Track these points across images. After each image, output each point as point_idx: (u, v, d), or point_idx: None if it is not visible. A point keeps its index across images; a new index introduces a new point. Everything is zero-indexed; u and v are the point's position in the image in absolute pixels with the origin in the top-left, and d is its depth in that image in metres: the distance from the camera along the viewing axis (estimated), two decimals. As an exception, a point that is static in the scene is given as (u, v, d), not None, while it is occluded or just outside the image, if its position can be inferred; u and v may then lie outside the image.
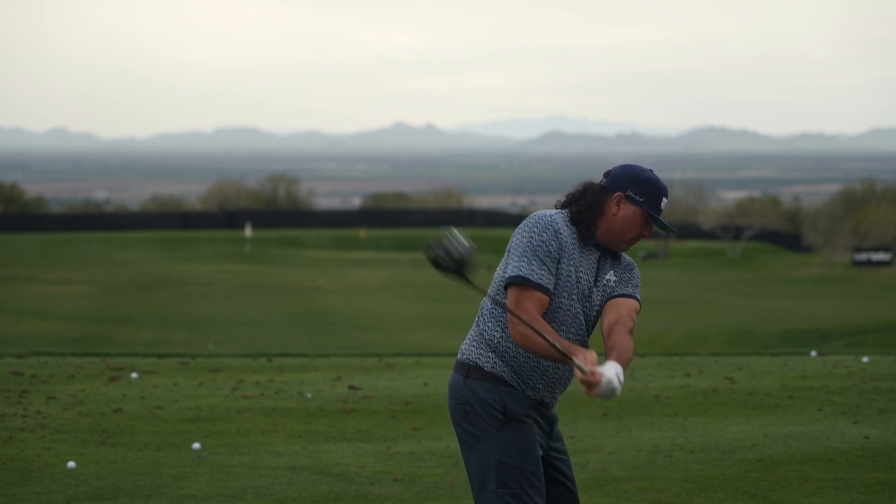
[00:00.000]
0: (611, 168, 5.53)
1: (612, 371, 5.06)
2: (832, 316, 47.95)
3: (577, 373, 5.09)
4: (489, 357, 5.40)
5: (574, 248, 5.37)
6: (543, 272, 5.27)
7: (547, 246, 5.30)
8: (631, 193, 5.40)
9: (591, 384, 5.06)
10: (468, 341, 5.47)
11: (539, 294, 5.25)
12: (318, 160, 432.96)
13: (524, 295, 5.25)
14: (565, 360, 5.10)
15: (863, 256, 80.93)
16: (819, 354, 18.24)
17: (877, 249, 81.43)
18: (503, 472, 5.33)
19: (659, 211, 5.44)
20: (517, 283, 5.26)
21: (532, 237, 5.31)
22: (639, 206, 5.41)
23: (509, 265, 5.31)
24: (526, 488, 5.33)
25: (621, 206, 5.41)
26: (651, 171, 5.49)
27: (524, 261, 5.28)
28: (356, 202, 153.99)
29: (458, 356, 5.50)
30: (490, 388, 5.37)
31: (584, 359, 5.09)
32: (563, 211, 5.44)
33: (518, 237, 5.33)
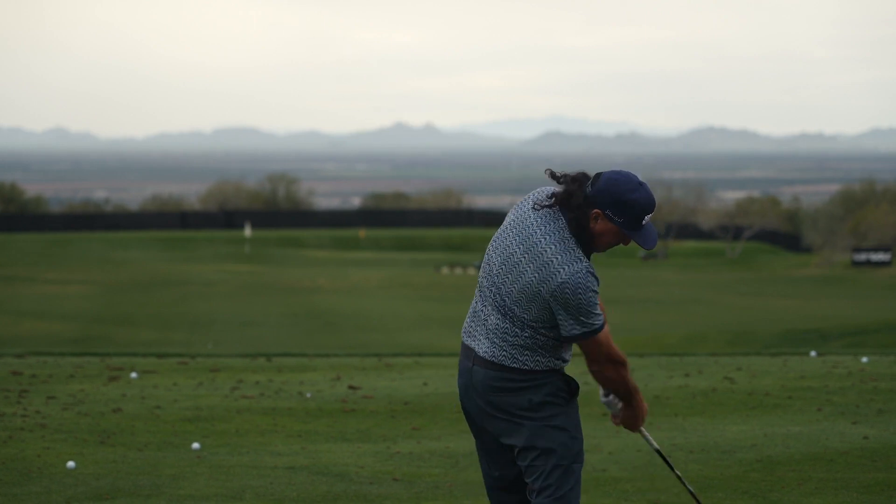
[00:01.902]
0: (603, 172, 5.51)
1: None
2: (832, 316, 47.96)
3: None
4: (540, 361, 5.55)
5: None
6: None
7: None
8: (609, 213, 5.43)
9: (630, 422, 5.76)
10: (499, 345, 5.52)
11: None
12: (318, 160, 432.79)
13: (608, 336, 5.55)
14: (634, 394, 5.68)
15: (862, 256, 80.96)
16: (818, 354, 18.22)
17: (876, 249, 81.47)
18: (577, 445, 5.60)
19: (639, 227, 5.47)
20: (601, 328, 5.52)
21: (594, 294, 5.49)
22: (616, 226, 5.45)
23: (589, 318, 5.45)
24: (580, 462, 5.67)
25: (599, 221, 5.46)
26: (638, 188, 5.43)
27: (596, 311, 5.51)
28: (356, 202, 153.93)
29: (499, 360, 5.52)
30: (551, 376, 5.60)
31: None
32: (575, 245, 5.49)
33: (584, 296, 5.42)
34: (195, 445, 10.62)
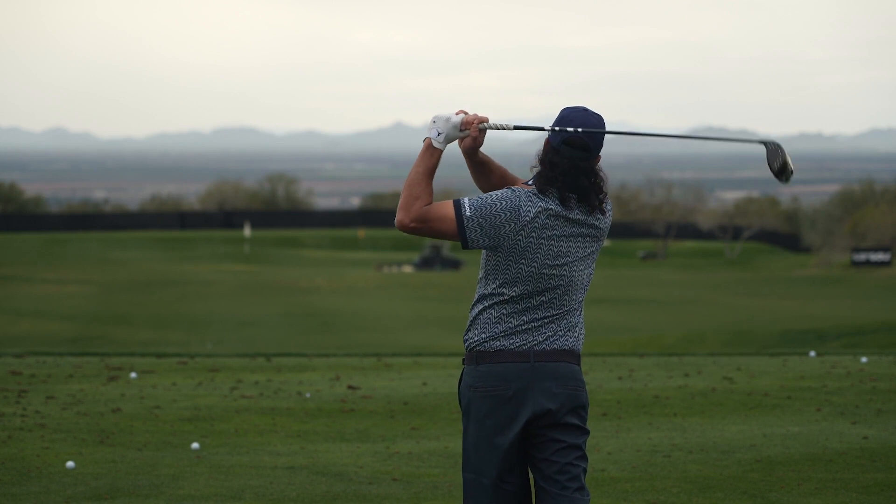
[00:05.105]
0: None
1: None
2: (831, 316, 47.97)
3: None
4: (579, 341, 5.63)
5: None
6: None
7: None
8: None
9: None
10: (571, 332, 5.56)
11: None
12: (317, 160, 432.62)
13: None
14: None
15: (861, 257, 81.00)
16: (817, 355, 18.23)
17: (875, 250, 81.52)
18: None
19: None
20: None
21: None
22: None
23: None
24: None
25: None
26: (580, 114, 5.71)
27: None
28: (355, 202, 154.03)
29: (570, 347, 5.55)
30: None
31: None
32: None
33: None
34: (194, 445, 10.62)
